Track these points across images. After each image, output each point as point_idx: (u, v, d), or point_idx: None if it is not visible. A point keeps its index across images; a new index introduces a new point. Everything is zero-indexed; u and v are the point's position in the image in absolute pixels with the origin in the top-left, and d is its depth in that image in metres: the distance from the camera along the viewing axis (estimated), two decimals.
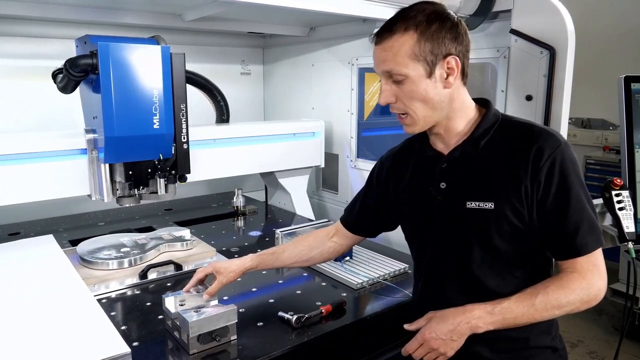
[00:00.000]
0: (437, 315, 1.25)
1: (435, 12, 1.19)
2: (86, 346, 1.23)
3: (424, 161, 1.36)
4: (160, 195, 1.93)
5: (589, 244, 1.17)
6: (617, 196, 1.97)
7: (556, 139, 1.19)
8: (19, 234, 2.31)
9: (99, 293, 1.70)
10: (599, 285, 1.17)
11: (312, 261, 1.63)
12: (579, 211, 1.16)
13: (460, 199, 1.25)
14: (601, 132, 4.96)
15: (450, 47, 1.18)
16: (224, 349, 1.36)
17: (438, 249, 1.33)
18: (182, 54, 1.83)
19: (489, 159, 1.23)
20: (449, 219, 1.28)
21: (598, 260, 1.18)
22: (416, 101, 1.21)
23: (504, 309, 1.17)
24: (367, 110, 2.81)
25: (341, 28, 2.74)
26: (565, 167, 1.16)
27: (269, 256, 1.58)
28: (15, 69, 2.52)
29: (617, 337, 3.30)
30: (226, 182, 3.09)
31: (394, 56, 1.19)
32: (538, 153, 1.17)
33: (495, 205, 1.19)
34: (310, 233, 1.68)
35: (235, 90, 3.14)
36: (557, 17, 1.82)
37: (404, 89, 1.20)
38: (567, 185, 1.16)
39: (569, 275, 1.18)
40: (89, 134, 1.85)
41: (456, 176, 1.27)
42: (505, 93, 2.02)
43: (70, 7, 2.25)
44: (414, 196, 1.37)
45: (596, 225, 1.19)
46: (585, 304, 1.17)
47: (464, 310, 1.20)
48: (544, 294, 1.16)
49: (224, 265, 1.52)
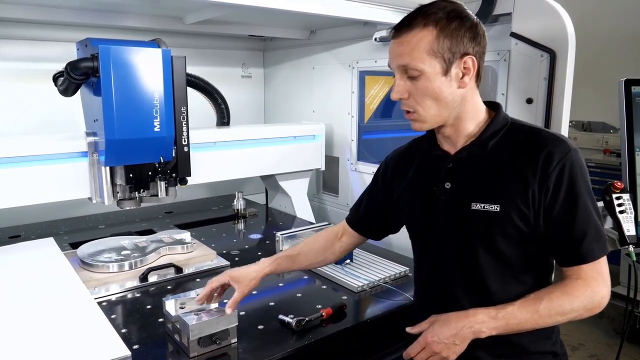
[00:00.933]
0: (439, 319, 1.24)
1: (455, 11, 1.18)
2: (87, 349, 1.23)
3: (429, 160, 1.35)
4: (161, 198, 1.93)
5: (594, 251, 1.16)
6: (617, 199, 1.97)
7: (566, 144, 1.18)
8: (20, 237, 2.31)
9: (100, 296, 1.70)
10: (603, 293, 1.17)
11: (325, 262, 1.63)
12: (585, 218, 1.16)
13: (465, 200, 1.24)
14: (601, 135, 4.95)
15: (469, 47, 1.18)
16: (224, 352, 1.36)
17: (441, 250, 1.32)
18: (183, 57, 1.83)
19: (496, 161, 1.23)
20: (453, 220, 1.27)
21: (603, 267, 1.18)
22: (428, 98, 1.20)
23: (507, 314, 1.16)
24: (367, 113, 2.81)
25: (342, 31, 2.74)
26: (574, 174, 1.16)
27: (285, 259, 1.55)
28: (16, 71, 2.52)
29: (618, 341, 3.28)
30: (227, 185, 3.09)
31: (412, 51, 1.17)
32: (548, 158, 1.16)
33: (501, 207, 1.19)
34: (319, 234, 1.67)
35: (235, 93, 3.14)
36: (557, 20, 1.82)
37: (418, 85, 1.19)
38: (576, 192, 1.16)
39: (573, 283, 1.17)
40: (90, 136, 1.85)
41: (462, 177, 1.27)
42: (505, 96, 2.02)
43: (71, 10, 2.26)
44: (417, 196, 1.36)
45: (602, 232, 1.18)
46: (588, 312, 1.16)
47: (467, 314, 1.20)
48: (547, 300, 1.15)
49: (243, 273, 1.46)
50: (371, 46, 2.57)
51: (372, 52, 2.60)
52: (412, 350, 1.25)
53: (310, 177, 2.92)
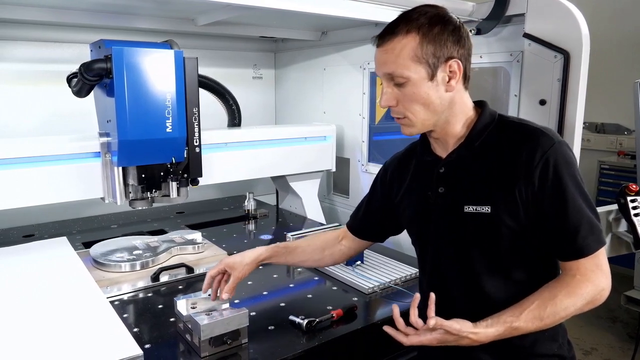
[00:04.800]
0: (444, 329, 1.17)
1: (437, 15, 1.18)
2: (99, 348, 1.24)
3: (422, 165, 1.36)
4: (173, 199, 1.94)
5: (590, 245, 1.14)
6: (632, 202, 1.94)
7: (549, 137, 1.16)
8: (33, 236, 2.34)
9: (112, 295, 1.71)
10: (603, 285, 1.15)
11: (322, 262, 1.63)
12: (576, 212, 1.14)
13: (457, 203, 1.23)
14: (615, 137, 4.91)
15: (452, 51, 1.18)
16: (235, 352, 1.36)
17: (438, 252, 1.32)
18: (195, 58, 1.84)
19: (485, 161, 1.22)
20: (447, 223, 1.27)
21: (601, 260, 1.16)
22: (417, 104, 1.20)
23: (514, 330, 1.13)
24: (378, 114, 2.80)
25: (353, 32, 2.74)
26: (559, 168, 1.14)
27: (282, 249, 1.58)
28: (31, 73, 2.55)
29: (632, 345, 3.25)
30: (237, 186, 3.10)
31: (396, 58, 1.18)
32: (530, 154, 1.15)
33: (492, 209, 1.18)
34: (320, 234, 1.68)
35: (247, 94, 3.15)
36: (572, 20, 1.80)
37: (406, 92, 1.19)
38: (563, 186, 1.14)
39: (574, 280, 1.15)
40: (103, 137, 1.87)
41: (453, 180, 1.26)
42: (518, 97, 2.01)
43: (85, 12, 2.28)
44: (414, 200, 1.37)
45: (595, 224, 1.16)
46: (589, 305, 1.15)
47: (471, 341, 1.14)
48: (552, 305, 1.13)
49: (237, 259, 1.51)
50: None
51: None
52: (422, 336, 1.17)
53: (321, 178, 2.92)
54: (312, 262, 1.64)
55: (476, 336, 1.12)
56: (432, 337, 1.14)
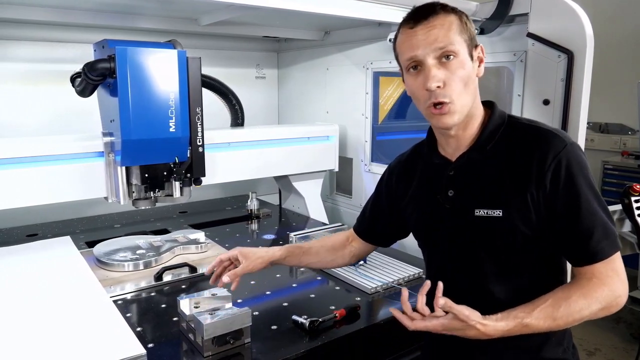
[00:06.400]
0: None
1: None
2: (102, 347, 1.24)
3: (430, 168, 1.33)
4: (176, 198, 1.95)
5: (605, 249, 1.11)
6: (636, 202, 1.94)
7: (561, 139, 1.14)
8: (37, 235, 2.34)
9: (115, 294, 1.71)
10: (620, 291, 1.12)
11: (334, 263, 1.63)
12: (590, 215, 1.11)
13: (468, 206, 1.21)
14: (619, 137, 4.89)
15: (476, 39, 1.20)
16: (238, 352, 1.36)
17: (446, 256, 1.30)
18: (198, 58, 1.84)
19: (496, 164, 1.20)
20: (457, 227, 1.24)
21: (617, 265, 1.13)
22: (461, 83, 1.15)
23: (524, 327, 1.10)
24: (381, 114, 2.80)
25: (356, 32, 2.74)
26: (571, 170, 1.11)
27: (296, 249, 1.57)
28: (34, 73, 2.56)
29: (635, 346, 3.24)
30: (240, 186, 3.10)
31: (447, 32, 1.14)
32: (542, 156, 1.13)
33: (504, 212, 1.15)
34: (330, 236, 1.68)
35: (250, 94, 3.15)
36: (576, 20, 1.79)
37: (453, 68, 1.14)
38: (576, 189, 1.11)
39: (590, 283, 1.11)
40: (106, 137, 1.87)
41: (464, 183, 1.24)
42: (522, 97, 2.00)
43: (89, 12, 2.29)
44: (422, 204, 1.34)
45: (610, 228, 1.13)
46: (604, 311, 1.11)
47: (478, 332, 1.11)
48: (566, 306, 1.09)
49: (252, 251, 1.52)
50: (385, 47, 2.56)
51: (386, 53, 2.59)
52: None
53: (324, 178, 2.92)
54: (325, 264, 1.63)
55: (484, 327, 1.09)
56: (438, 323, 1.11)
